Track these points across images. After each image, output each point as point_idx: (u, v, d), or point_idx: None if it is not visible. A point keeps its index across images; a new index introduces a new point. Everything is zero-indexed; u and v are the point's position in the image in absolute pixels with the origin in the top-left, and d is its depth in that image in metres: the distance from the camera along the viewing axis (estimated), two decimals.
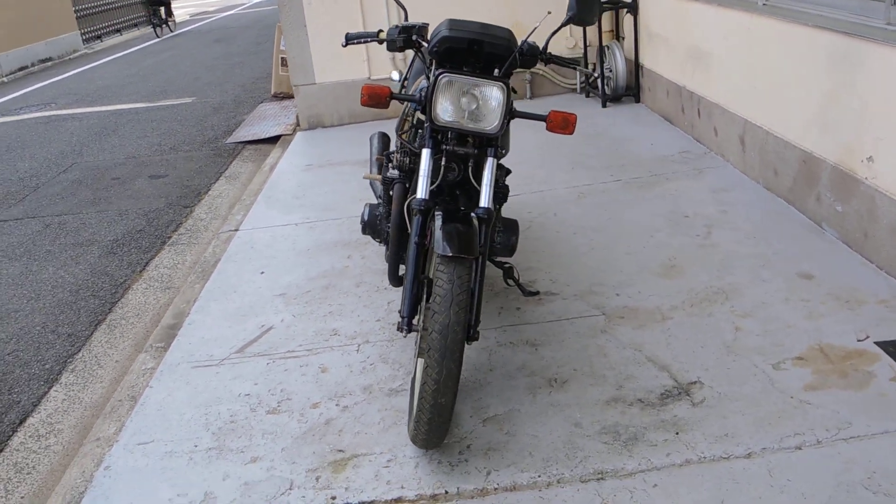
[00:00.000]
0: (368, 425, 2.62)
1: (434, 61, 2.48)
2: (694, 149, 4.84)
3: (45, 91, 11.12)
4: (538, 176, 4.73)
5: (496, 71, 2.43)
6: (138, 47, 15.50)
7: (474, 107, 2.40)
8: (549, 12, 2.95)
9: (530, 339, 2.99)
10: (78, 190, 5.89)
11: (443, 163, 2.48)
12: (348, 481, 2.37)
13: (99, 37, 17.18)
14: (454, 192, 2.62)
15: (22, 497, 2.60)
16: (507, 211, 4.23)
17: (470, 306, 2.46)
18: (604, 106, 5.99)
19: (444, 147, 2.47)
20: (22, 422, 3.02)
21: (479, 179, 2.53)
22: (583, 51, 6.21)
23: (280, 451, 2.55)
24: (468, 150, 2.47)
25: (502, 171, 2.87)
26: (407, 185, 2.76)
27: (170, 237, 4.78)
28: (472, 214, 2.44)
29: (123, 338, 3.59)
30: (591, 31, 6.08)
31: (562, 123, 2.45)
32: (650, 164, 4.67)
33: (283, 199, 4.94)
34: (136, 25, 18.97)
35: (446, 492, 2.28)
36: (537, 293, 3.32)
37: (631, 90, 5.98)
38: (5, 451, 2.85)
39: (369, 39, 2.67)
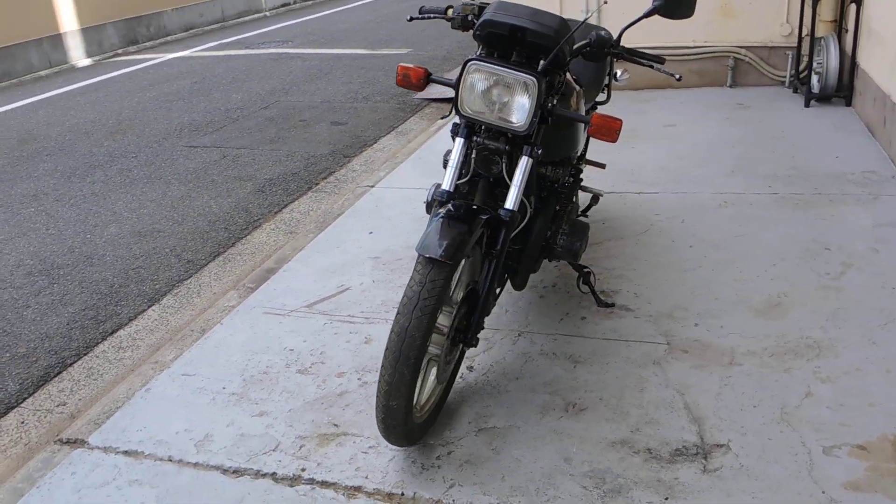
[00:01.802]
0: (374, 407, 2.59)
1: (480, 46, 2.30)
2: (883, 170, 4.09)
3: (291, 29, 12.09)
4: (690, 175, 4.29)
5: (541, 63, 2.21)
6: None
7: (506, 100, 2.21)
8: (605, 1, 2.60)
9: (574, 355, 2.76)
10: (266, 127, 6.37)
11: (473, 156, 2.32)
12: (325, 457, 2.37)
13: None
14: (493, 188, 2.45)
15: (79, 399, 2.92)
16: (634, 207, 3.92)
17: (473, 309, 2.33)
18: (806, 105, 5.24)
19: (475, 139, 2.31)
20: (113, 332, 3.37)
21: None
22: (797, 40, 5.47)
23: (286, 412, 2.61)
24: (499, 145, 2.29)
25: (564, 170, 2.64)
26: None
27: (317, 184, 5.02)
28: (498, 214, 2.27)
29: (230, 273, 3.86)
30: (810, 18, 5.32)
31: (602, 129, 2.17)
32: (821, 180, 4.03)
33: (431, 163, 4.96)
34: None
35: (402, 493, 2.20)
36: (612, 305, 3.05)
37: (843, 91, 5.17)
38: (88, 356, 3.21)
39: (437, 16, 2.54)
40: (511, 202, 2.28)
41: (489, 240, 2.28)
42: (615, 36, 2.36)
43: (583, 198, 3.66)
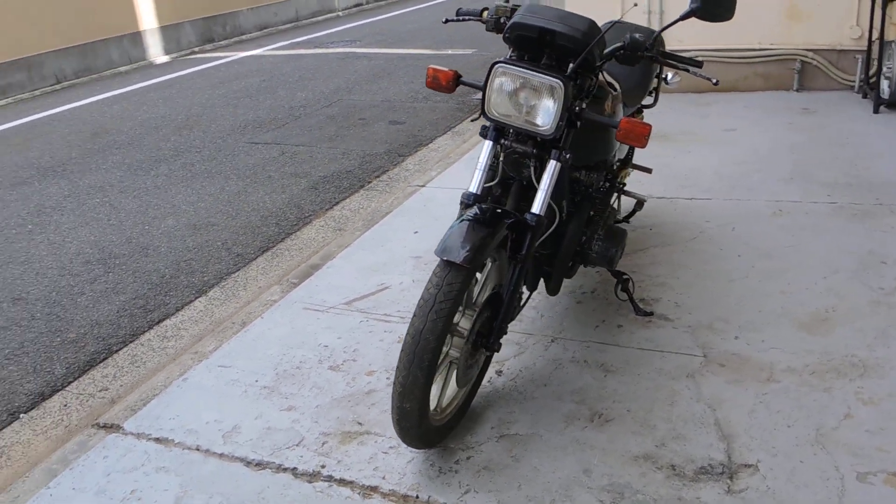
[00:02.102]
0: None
1: (511, 48, 2.27)
2: None
3: (360, 29, 12.24)
4: (747, 182, 4.14)
5: (570, 66, 2.16)
6: None
7: (533, 103, 2.17)
8: (636, 4, 2.52)
9: (606, 363, 2.69)
10: (326, 125, 6.46)
11: (502, 159, 2.30)
12: (345, 455, 2.38)
13: None
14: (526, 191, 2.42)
15: (121, 385, 3.02)
16: (685, 213, 3.81)
17: (495, 314, 2.30)
18: (875, 111, 5.00)
19: (503, 142, 2.28)
20: (160, 321, 3.48)
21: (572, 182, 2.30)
22: (867, 43, 5.22)
23: (314, 408, 2.64)
24: (527, 148, 2.25)
25: (599, 175, 2.58)
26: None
27: (370, 182, 5.06)
28: (523, 218, 2.24)
29: (276, 268, 3.93)
30: (881, 21, 5.07)
31: (630, 134, 2.11)
32: (883, 190, 3.83)
33: None
34: None
35: (417, 496, 2.19)
36: (650, 314, 2.97)
37: None
38: (134, 343, 3.32)
39: (472, 18, 2.52)
40: (538, 206, 2.24)
41: (514, 244, 2.25)
42: (653, 37, 2.29)
43: (627, 203, 3.59)
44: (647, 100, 3.41)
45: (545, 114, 2.15)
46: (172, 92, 8.38)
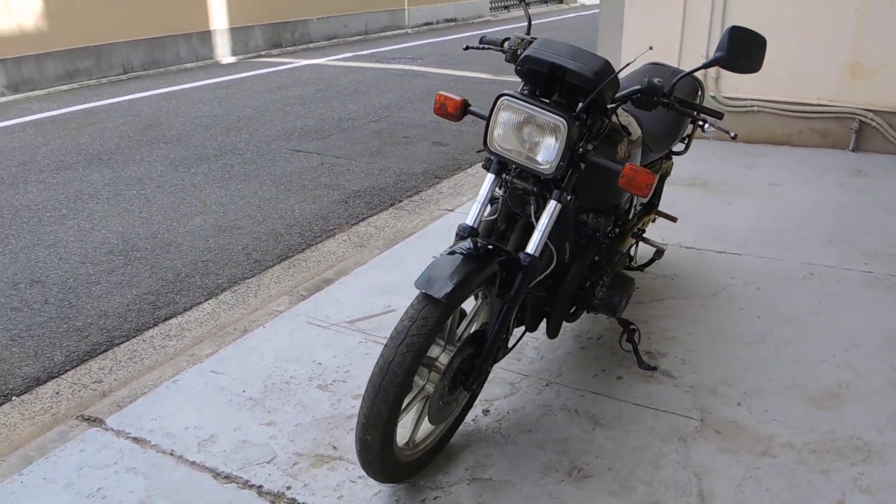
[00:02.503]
0: None
1: (523, 82, 2.21)
2: None
3: (424, 48, 12.33)
4: (782, 240, 3.98)
5: (579, 105, 2.09)
6: (535, 21, 16.26)
7: (536, 140, 2.10)
8: (651, 48, 2.42)
9: (597, 416, 2.59)
10: (370, 139, 6.48)
11: (501, 193, 2.23)
12: (313, 479, 2.33)
13: (507, 7, 18.41)
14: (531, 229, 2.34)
15: (115, 379, 3.04)
16: (711, 267, 3.67)
17: (476, 353, 2.23)
18: None
19: (504, 177, 2.22)
20: (166, 319, 3.50)
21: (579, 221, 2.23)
22: None
23: (293, 427, 2.60)
24: (527, 185, 2.19)
25: (607, 219, 2.50)
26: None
27: (400, 201, 5.04)
28: (517, 257, 2.17)
29: (290, 278, 3.93)
30: None
31: (632, 182, 2.03)
32: None
33: None
34: (545, 0, 19.93)
35: None
36: (654, 368, 2.85)
37: None
38: (138, 338, 3.34)
39: (493, 47, 2.47)
40: (532, 247, 2.17)
41: (504, 282, 2.18)
42: (672, 84, 2.20)
43: (646, 251, 3.49)
44: (679, 146, 3.31)
45: (546, 152, 2.08)
46: (230, 93, 8.55)
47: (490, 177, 2.26)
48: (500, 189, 2.38)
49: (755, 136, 5.66)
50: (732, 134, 2.15)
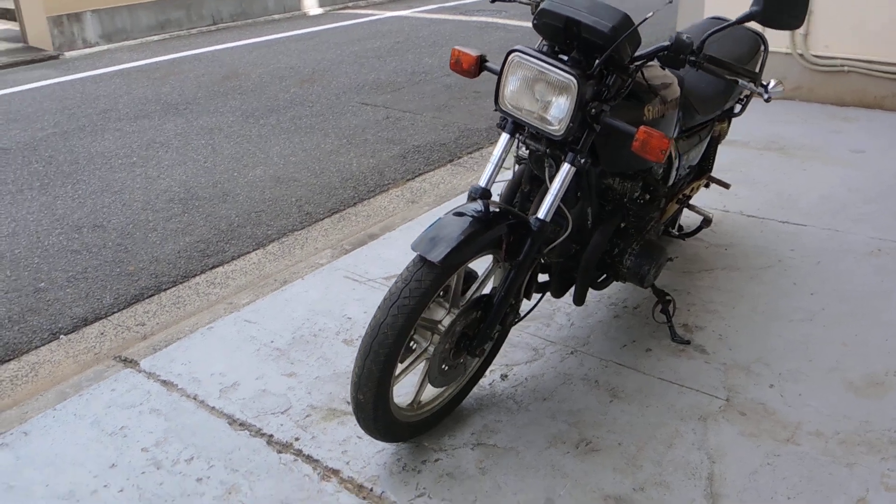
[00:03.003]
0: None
1: (541, 38, 2.10)
2: None
3: None
4: (854, 212, 3.71)
5: (595, 62, 1.97)
6: None
7: (549, 99, 2.00)
8: (670, 1, 2.21)
9: (617, 388, 2.51)
10: (440, 94, 6.41)
11: (517, 153, 2.15)
12: (321, 432, 2.37)
13: None
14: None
15: (157, 323, 3.16)
16: (770, 237, 3.47)
17: (482, 318, 2.18)
18: None
19: (518, 137, 2.13)
20: (213, 267, 3.60)
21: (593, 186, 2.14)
22: None
23: (312, 379, 2.64)
24: (539, 146, 2.09)
25: (635, 184, 2.37)
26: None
27: (460, 157, 4.98)
28: (527, 221, 2.10)
29: (338, 232, 3.95)
30: None
31: (645, 147, 1.90)
32: None
33: None
34: None
35: (371, 489, 2.14)
36: (687, 342, 2.73)
37: None
38: (185, 284, 3.46)
39: (519, 0, 2.36)
40: (544, 211, 2.08)
41: (512, 247, 2.11)
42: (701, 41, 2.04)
43: (693, 218, 3.32)
44: (736, 107, 3.11)
45: (557, 111, 1.98)
46: (311, 44, 8.61)
47: (504, 136, 2.18)
48: (525, 149, 2.30)
49: (845, 99, 5.26)
50: (766, 97, 1.99)
